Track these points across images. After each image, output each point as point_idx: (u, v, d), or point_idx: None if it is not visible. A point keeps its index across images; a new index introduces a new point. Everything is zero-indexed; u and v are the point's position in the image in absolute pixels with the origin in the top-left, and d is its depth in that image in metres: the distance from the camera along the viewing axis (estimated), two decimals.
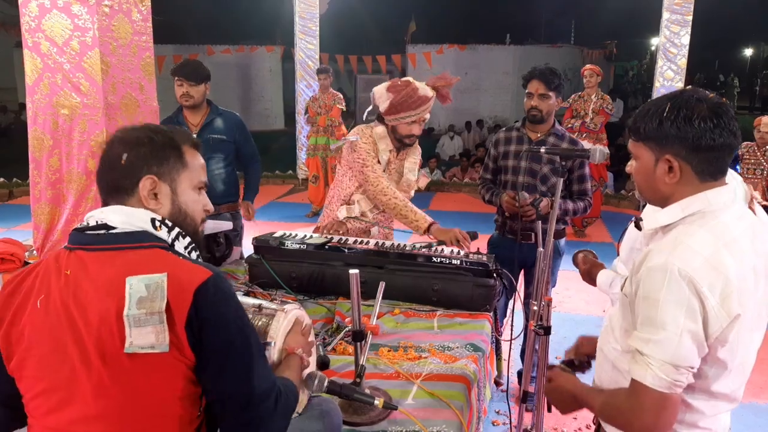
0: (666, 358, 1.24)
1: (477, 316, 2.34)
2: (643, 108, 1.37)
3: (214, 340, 1.17)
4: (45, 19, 2.73)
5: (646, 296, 1.27)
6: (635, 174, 1.42)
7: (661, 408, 1.26)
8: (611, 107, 6.72)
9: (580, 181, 3.08)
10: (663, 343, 1.24)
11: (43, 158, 2.87)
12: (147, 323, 1.12)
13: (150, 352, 1.13)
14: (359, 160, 2.81)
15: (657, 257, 1.27)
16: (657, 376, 1.25)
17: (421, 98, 2.74)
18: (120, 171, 1.26)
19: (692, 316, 1.23)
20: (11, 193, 8.54)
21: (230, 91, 14.75)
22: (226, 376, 1.19)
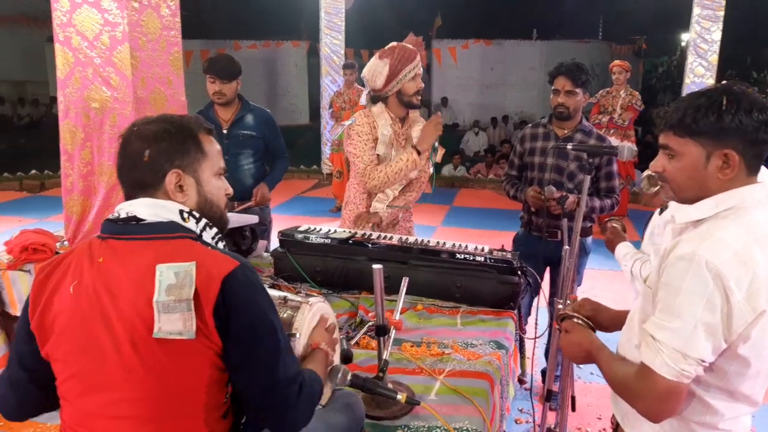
0: (676, 347, 1.24)
1: (501, 313, 2.33)
2: (688, 103, 1.32)
3: (241, 327, 1.20)
4: (76, 14, 2.77)
5: (668, 283, 1.27)
6: (675, 172, 1.37)
7: (666, 395, 1.27)
8: (640, 103, 6.62)
9: (607, 178, 3.04)
10: (676, 332, 1.24)
11: (75, 151, 2.92)
12: (175, 310, 1.15)
13: (177, 338, 1.16)
14: (352, 151, 2.85)
15: (686, 247, 1.26)
16: (665, 363, 1.25)
17: (413, 51, 2.80)
18: (144, 168, 1.28)
19: (711, 309, 1.22)
20: (43, 184, 8.72)
21: (256, 86, 14.86)
22: (252, 362, 1.22)
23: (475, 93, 16.75)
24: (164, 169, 1.28)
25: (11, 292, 2.89)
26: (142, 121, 1.34)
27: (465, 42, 15.30)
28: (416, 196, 3.05)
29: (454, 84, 16.73)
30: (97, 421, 1.22)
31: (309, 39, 15.11)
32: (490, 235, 6.44)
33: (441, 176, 9.97)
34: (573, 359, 1.61)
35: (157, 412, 1.20)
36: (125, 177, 1.31)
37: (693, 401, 1.35)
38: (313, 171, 9.90)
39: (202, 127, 1.37)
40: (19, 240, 2.90)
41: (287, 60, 16.48)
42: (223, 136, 3.50)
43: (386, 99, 2.84)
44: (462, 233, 6.67)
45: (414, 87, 2.81)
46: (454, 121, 16.40)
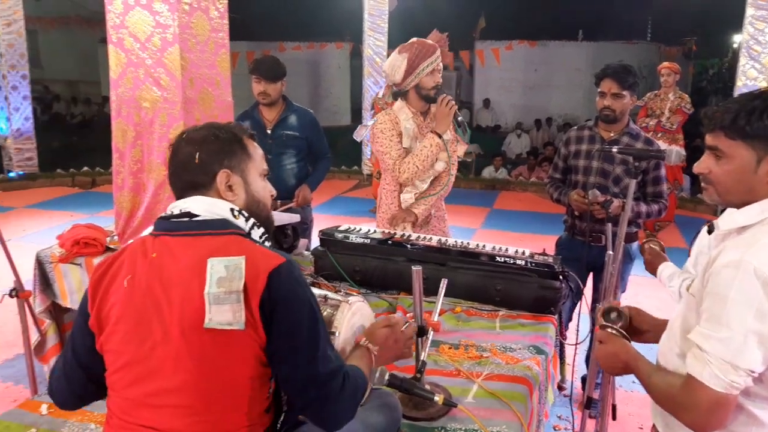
0: (726, 358, 1.20)
1: (541, 318, 2.30)
2: (742, 105, 1.29)
3: (284, 321, 1.24)
4: (128, 16, 2.86)
5: (715, 292, 1.23)
6: (722, 175, 1.33)
7: (714, 407, 1.23)
8: (690, 106, 6.44)
9: (655, 183, 2.97)
10: (725, 342, 1.21)
11: (126, 149, 3.01)
12: (225, 301, 1.20)
13: (227, 329, 1.21)
14: (380, 149, 2.91)
15: (732, 254, 1.23)
16: (714, 374, 1.22)
17: (432, 46, 2.84)
18: (195, 169, 1.36)
19: (761, 318, 1.18)
20: (94, 181, 9.02)
21: (299, 88, 15.04)
22: (294, 356, 1.26)
23: (518, 94, 16.58)
24: (214, 169, 1.36)
25: (62, 284, 3.00)
26: (190, 129, 1.43)
27: (509, 43, 15.16)
28: (447, 191, 3.04)
29: (497, 85, 16.59)
30: (144, 410, 1.26)
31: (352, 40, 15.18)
32: (531, 238, 6.37)
33: (482, 178, 9.90)
34: (609, 370, 1.57)
35: (204, 403, 1.24)
36: (177, 180, 1.38)
37: (738, 412, 1.31)
38: (354, 171, 9.96)
39: (246, 131, 1.45)
40: (71, 234, 3.01)
41: (330, 61, 16.63)
42: (267, 136, 3.56)
43: (406, 94, 2.90)
44: (502, 236, 6.61)
45: (432, 81, 2.84)
46: (496, 122, 16.25)
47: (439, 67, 2.86)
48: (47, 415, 1.78)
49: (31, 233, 6.39)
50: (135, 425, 1.26)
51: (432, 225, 3.05)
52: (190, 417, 1.24)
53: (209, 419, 1.24)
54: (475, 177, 9.94)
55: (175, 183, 1.39)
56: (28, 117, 8.79)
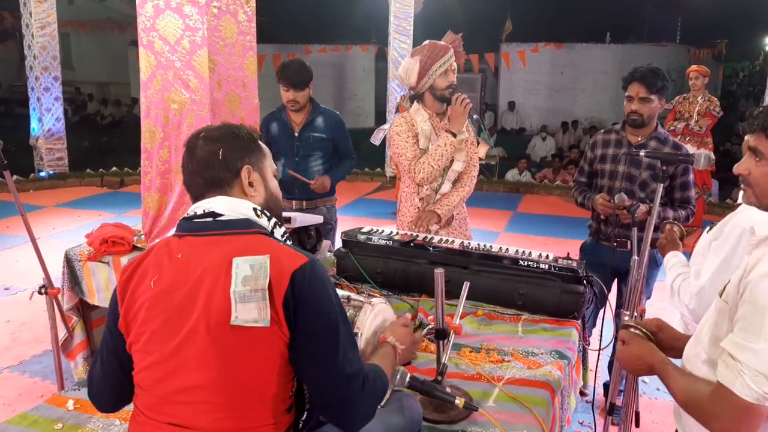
0: (761, 369, 1.18)
1: (564, 323, 2.28)
2: None
3: (307, 321, 1.26)
4: (159, 19, 2.91)
5: (754, 302, 1.21)
6: (761, 176, 1.31)
7: (744, 417, 1.21)
8: (719, 110, 6.32)
9: (683, 188, 2.92)
10: (761, 354, 1.18)
11: (154, 150, 3.06)
12: (251, 299, 1.22)
13: (253, 326, 1.23)
14: (396, 151, 2.96)
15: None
16: (747, 385, 1.20)
17: (444, 46, 2.87)
18: (219, 166, 1.38)
19: None
20: (122, 181, 9.17)
21: (324, 90, 15.11)
22: (315, 356, 1.27)
23: (543, 97, 16.44)
24: (237, 165, 1.39)
25: (90, 282, 3.06)
26: (206, 128, 1.46)
27: (535, 45, 15.03)
28: (469, 191, 3.05)
29: (523, 88, 16.47)
30: (169, 407, 1.29)
31: (377, 43, 15.23)
32: (555, 242, 6.31)
33: (505, 181, 9.84)
34: (632, 370, 1.55)
35: (228, 400, 1.26)
36: (198, 179, 1.40)
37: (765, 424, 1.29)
38: (377, 174, 9.98)
39: (257, 132, 1.50)
40: (99, 233, 3.06)
41: (355, 64, 16.68)
42: (294, 138, 3.59)
43: (422, 96, 2.93)
44: (526, 240, 6.56)
45: (445, 82, 2.87)
46: (521, 125, 16.14)
47: (452, 67, 2.89)
48: (73, 411, 1.82)
49: (61, 232, 6.53)
50: (160, 422, 1.29)
51: (453, 227, 3.06)
52: (215, 413, 1.26)
53: (234, 416, 1.26)
54: (498, 180, 9.89)
55: (196, 182, 1.40)
56: (59, 118, 8.98)
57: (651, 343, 1.53)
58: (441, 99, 2.91)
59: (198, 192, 1.40)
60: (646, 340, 1.54)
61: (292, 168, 3.60)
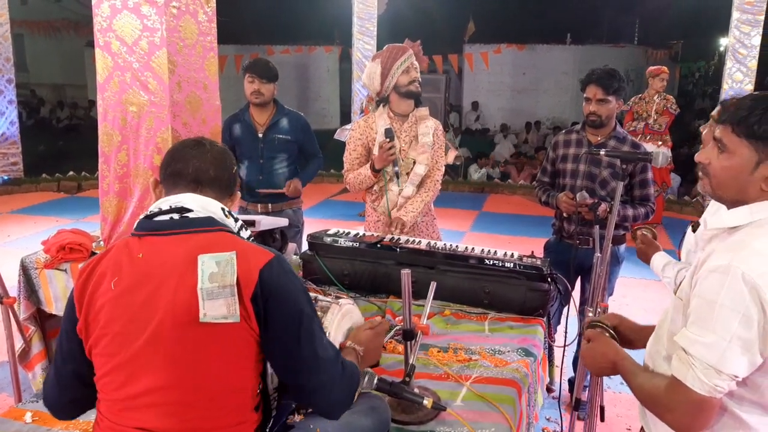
0: (710, 362, 1.21)
1: (529, 320, 2.31)
2: (757, 104, 1.26)
3: (279, 314, 1.26)
4: (116, 20, 2.84)
5: (702, 296, 1.23)
6: (720, 169, 1.32)
7: (697, 409, 1.24)
8: (675, 107, 6.50)
9: (642, 186, 2.99)
10: (710, 347, 1.21)
11: (112, 153, 2.99)
12: (219, 296, 1.22)
13: (222, 322, 1.22)
14: (345, 153, 3.08)
15: (720, 258, 1.23)
16: (698, 378, 1.22)
17: (403, 47, 2.94)
18: (230, 174, 1.43)
19: (747, 324, 1.18)
20: (80, 186, 8.94)
21: (288, 91, 15.02)
22: (295, 344, 1.28)
23: (506, 98, 16.65)
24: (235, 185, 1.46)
25: (47, 291, 2.97)
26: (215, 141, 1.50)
27: (497, 46, 15.21)
28: (433, 195, 3.07)
29: (486, 89, 16.65)
30: (134, 411, 1.26)
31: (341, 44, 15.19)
32: (519, 241, 6.39)
33: (471, 181, 9.92)
34: (595, 370, 1.56)
35: (195, 399, 1.24)
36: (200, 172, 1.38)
37: (726, 416, 1.31)
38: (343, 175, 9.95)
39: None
40: (57, 239, 2.98)
41: (319, 65, 16.62)
42: (258, 140, 3.55)
43: (388, 99, 2.97)
44: (491, 239, 6.62)
45: (407, 78, 2.92)
46: (484, 126, 16.32)
47: (413, 65, 2.93)
48: (32, 423, 1.75)
49: (16, 239, 6.33)
50: (125, 427, 1.26)
51: (420, 229, 3.07)
52: (182, 415, 1.24)
53: (201, 416, 1.25)
54: (463, 180, 9.97)
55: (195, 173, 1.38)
56: (13, 121, 8.71)
57: (614, 342, 1.55)
58: (407, 95, 2.94)
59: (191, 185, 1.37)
60: (610, 338, 1.56)
61: (256, 170, 3.56)
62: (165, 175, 1.41)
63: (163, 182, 1.41)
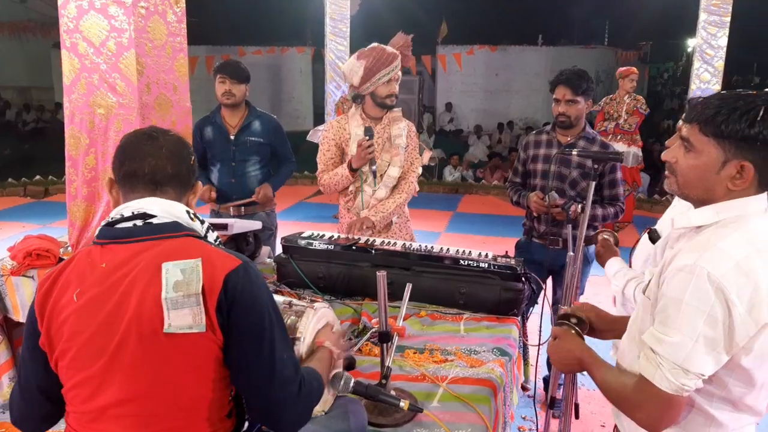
0: (677, 361, 1.22)
1: (504, 320, 2.32)
2: (724, 103, 1.26)
3: (241, 323, 1.23)
4: (83, 20, 2.78)
5: (669, 295, 1.25)
6: (687, 167, 1.32)
7: (665, 408, 1.26)
8: (645, 107, 6.61)
9: (611, 185, 3.03)
10: (676, 346, 1.22)
11: (79, 157, 2.92)
12: (184, 305, 1.18)
13: (188, 332, 1.19)
14: (318, 154, 3.02)
15: (686, 258, 1.24)
16: (665, 377, 1.24)
17: (391, 54, 2.84)
18: (189, 168, 1.36)
19: (712, 324, 1.19)
20: (47, 190, 8.76)
21: (260, 92, 14.90)
22: (251, 359, 1.24)
23: (479, 99, 16.77)
24: (194, 176, 1.39)
25: (14, 298, 2.89)
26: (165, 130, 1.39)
27: (470, 48, 15.31)
28: (407, 198, 3.05)
29: (459, 90, 16.75)
30: (104, 423, 1.23)
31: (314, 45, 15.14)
32: (494, 241, 6.43)
33: (444, 182, 9.96)
34: (562, 367, 1.57)
35: (165, 410, 1.22)
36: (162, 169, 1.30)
37: (696, 413, 1.33)
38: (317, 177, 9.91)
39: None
40: (23, 246, 2.90)
41: (292, 66, 16.53)
42: (230, 142, 3.51)
43: (363, 98, 2.94)
44: (466, 239, 6.65)
45: (387, 91, 2.86)
46: (458, 126, 16.41)
47: (396, 77, 2.87)
48: None
49: None
50: None
51: (394, 231, 3.06)
52: (150, 426, 1.22)
53: (171, 426, 1.22)
54: (438, 181, 10.01)
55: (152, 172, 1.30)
56: None
57: (580, 339, 1.56)
58: (381, 106, 2.91)
59: (149, 186, 1.30)
60: (576, 335, 1.57)
61: (228, 173, 3.51)
62: (120, 176, 1.33)
63: (119, 183, 1.34)
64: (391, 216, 2.99)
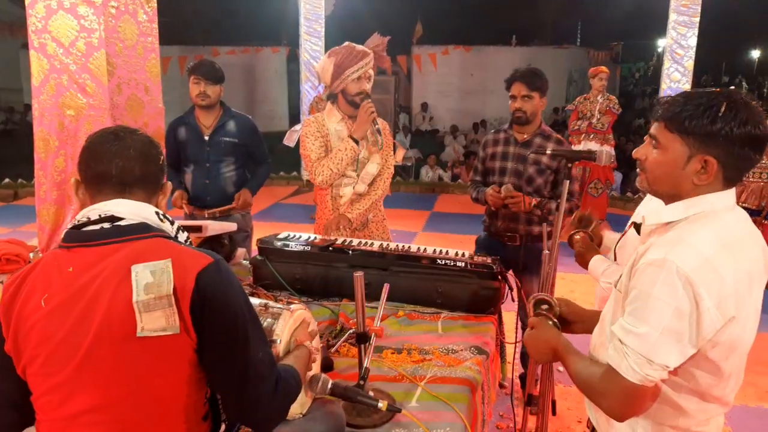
0: (642, 352, 1.25)
1: (481, 318, 2.33)
2: (687, 100, 1.29)
3: (215, 323, 1.21)
4: (51, 20, 2.73)
5: (638, 288, 1.28)
6: (654, 164, 1.35)
7: (631, 397, 1.29)
8: (618, 107, 6.70)
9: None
10: (643, 338, 1.25)
11: (48, 159, 2.87)
12: (156, 307, 1.16)
13: (162, 335, 1.17)
14: (303, 152, 2.95)
15: (656, 252, 1.27)
16: (631, 367, 1.27)
17: (361, 52, 2.86)
18: (158, 167, 1.33)
19: (679, 316, 1.22)
20: (16, 193, 8.57)
21: (235, 92, 14.77)
22: (225, 358, 1.23)
23: (454, 99, 16.86)
24: (164, 177, 1.36)
25: None
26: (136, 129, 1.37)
27: (445, 48, 15.39)
28: (382, 194, 3.06)
29: (435, 90, 16.81)
30: (77, 430, 1.20)
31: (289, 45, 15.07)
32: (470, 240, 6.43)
33: (421, 182, 9.99)
34: (537, 356, 1.59)
35: (138, 415, 1.19)
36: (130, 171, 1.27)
37: (665, 404, 1.36)
38: (293, 177, 9.87)
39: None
40: None
41: (267, 66, 16.42)
42: (204, 143, 3.47)
43: (336, 97, 2.94)
44: (443, 238, 6.68)
45: (357, 88, 2.87)
46: (434, 126, 16.48)
47: (367, 75, 2.88)
48: None
49: None
50: None
51: (371, 230, 3.06)
52: (126, 430, 1.19)
53: (145, 429, 1.20)
54: (415, 181, 10.03)
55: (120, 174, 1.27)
56: None
57: (556, 329, 1.59)
58: (351, 104, 2.91)
59: (107, 186, 1.27)
60: (552, 326, 1.60)
61: (202, 174, 3.47)
62: (86, 178, 1.29)
63: (86, 185, 1.30)
64: (368, 213, 2.99)
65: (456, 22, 18.89)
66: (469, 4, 19.51)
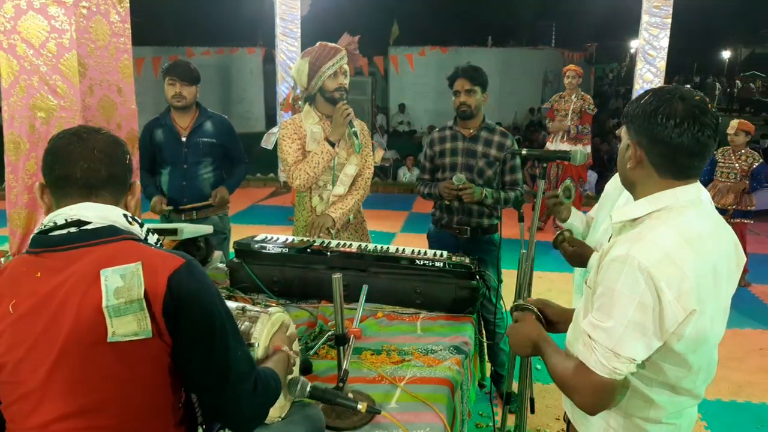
0: (609, 346, 1.28)
1: (460, 318, 2.34)
2: (641, 95, 1.40)
3: (190, 324, 1.19)
4: (21, 21, 2.68)
5: (604, 284, 1.31)
6: (620, 158, 1.45)
7: (599, 390, 1.32)
8: (593, 107, 6.78)
9: (511, 171, 3.20)
10: (609, 332, 1.28)
11: (19, 162, 2.81)
12: (127, 312, 1.14)
13: (133, 339, 1.15)
14: (280, 155, 2.95)
15: (620, 248, 1.30)
16: (599, 361, 1.30)
17: (335, 48, 2.88)
18: (124, 168, 1.30)
19: (642, 310, 1.26)
20: None
21: (211, 93, 14.62)
22: (205, 356, 1.21)
23: (431, 99, 16.90)
24: (131, 177, 1.33)
25: None
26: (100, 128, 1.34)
27: (422, 49, 15.43)
28: (364, 194, 3.06)
29: (412, 91, 16.85)
30: None
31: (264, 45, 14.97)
32: None
33: (399, 183, 10.00)
34: (518, 349, 1.61)
35: (111, 422, 1.18)
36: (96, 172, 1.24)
37: (637, 397, 1.39)
38: (270, 179, 9.80)
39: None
40: None
41: (242, 66, 16.28)
42: (181, 144, 3.43)
43: (314, 97, 2.93)
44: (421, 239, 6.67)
45: (334, 84, 2.87)
46: (411, 127, 16.51)
47: (342, 70, 2.89)
48: None
49: None
50: None
51: (350, 231, 3.05)
52: None
53: None
54: (392, 182, 10.04)
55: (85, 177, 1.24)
56: None
57: (539, 324, 1.62)
58: (330, 101, 2.90)
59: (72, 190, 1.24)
60: (536, 320, 1.63)
61: (179, 175, 3.44)
62: (51, 181, 1.26)
63: (50, 188, 1.27)
64: (350, 213, 2.98)
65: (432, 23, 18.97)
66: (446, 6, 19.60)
